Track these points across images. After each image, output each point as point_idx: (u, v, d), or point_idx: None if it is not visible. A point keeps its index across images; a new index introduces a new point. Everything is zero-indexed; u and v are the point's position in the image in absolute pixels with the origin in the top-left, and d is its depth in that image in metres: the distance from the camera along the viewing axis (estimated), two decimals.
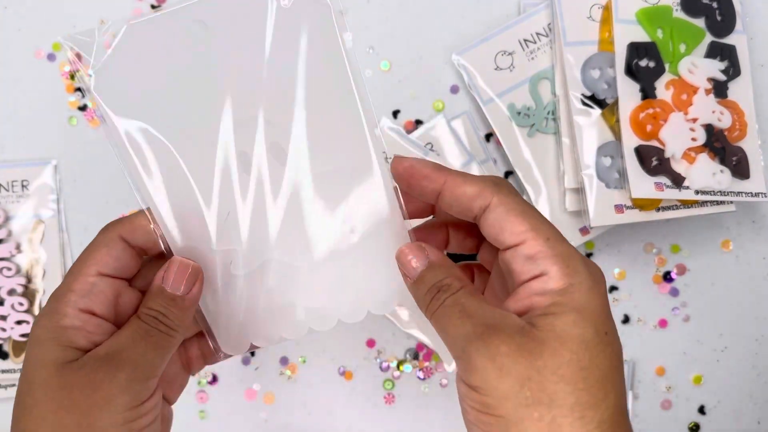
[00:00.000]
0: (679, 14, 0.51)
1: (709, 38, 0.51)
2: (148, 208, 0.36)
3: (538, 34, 0.52)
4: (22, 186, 0.53)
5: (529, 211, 0.32)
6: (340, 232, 0.37)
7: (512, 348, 0.28)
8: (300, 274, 0.37)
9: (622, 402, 0.29)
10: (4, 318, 0.52)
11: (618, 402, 0.29)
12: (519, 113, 0.52)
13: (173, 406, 0.39)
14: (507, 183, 0.33)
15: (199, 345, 0.39)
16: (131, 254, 0.36)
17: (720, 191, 0.49)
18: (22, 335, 0.52)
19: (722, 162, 0.50)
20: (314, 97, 0.36)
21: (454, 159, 0.52)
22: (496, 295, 0.37)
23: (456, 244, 0.38)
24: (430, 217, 0.39)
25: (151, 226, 0.36)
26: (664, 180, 0.49)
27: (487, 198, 0.32)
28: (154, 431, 0.34)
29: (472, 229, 0.37)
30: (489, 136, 0.54)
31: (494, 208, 0.32)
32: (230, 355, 0.38)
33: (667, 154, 0.49)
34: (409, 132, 0.53)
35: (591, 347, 0.29)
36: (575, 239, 0.52)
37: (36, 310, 0.53)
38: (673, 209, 0.51)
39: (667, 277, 0.55)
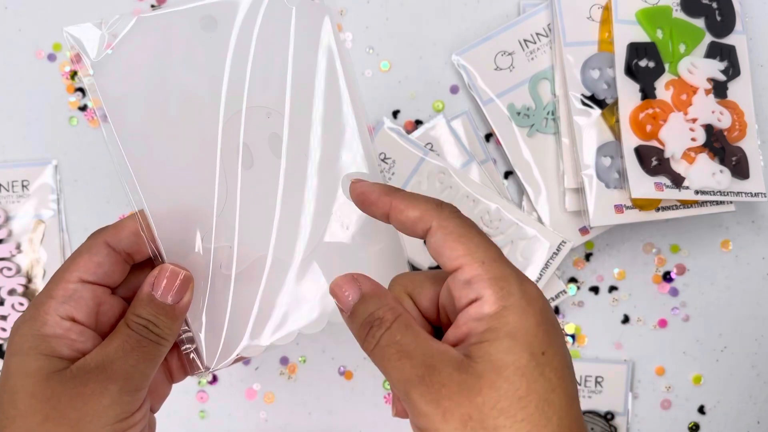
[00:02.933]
0: (678, 14, 0.51)
1: (708, 38, 0.51)
2: (141, 210, 0.34)
3: (537, 34, 0.52)
4: (23, 186, 0.53)
5: (467, 234, 0.31)
6: (333, 230, 0.37)
7: (453, 389, 0.28)
8: (291, 271, 0.37)
9: (570, 420, 0.29)
10: (4, 318, 0.52)
11: (562, 423, 0.29)
12: (519, 113, 0.52)
13: (177, 407, 0.39)
14: (450, 206, 0.33)
15: (179, 355, 0.38)
16: (116, 260, 0.35)
17: (719, 191, 0.49)
18: (16, 335, 0.52)
19: (722, 162, 0.50)
20: (311, 93, 0.36)
21: (453, 159, 0.52)
22: None
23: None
24: None
25: (141, 228, 0.34)
26: (663, 180, 0.49)
27: (428, 222, 0.32)
28: None
29: None
30: (489, 137, 0.54)
31: (434, 232, 0.32)
32: (212, 370, 0.36)
33: (667, 154, 0.49)
34: (409, 132, 0.53)
35: (527, 373, 0.29)
36: (575, 239, 0.52)
37: None
38: (673, 209, 0.51)
39: (666, 277, 0.55)
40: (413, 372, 0.29)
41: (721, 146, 0.50)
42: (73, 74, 0.54)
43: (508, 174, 0.54)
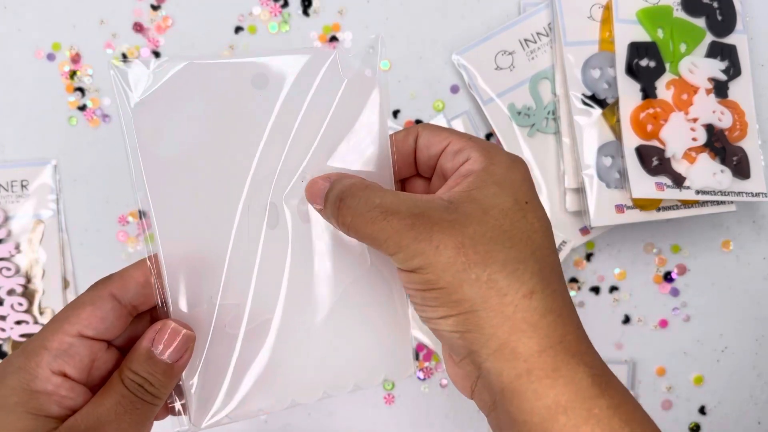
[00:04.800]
0: (679, 14, 0.51)
1: (709, 38, 0.51)
2: (155, 254, 0.33)
3: (538, 33, 0.52)
4: (22, 186, 0.53)
5: (451, 128, 0.36)
6: (338, 301, 0.36)
7: (444, 226, 0.30)
8: (293, 338, 0.36)
9: (552, 260, 0.32)
10: (3, 318, 0.52)
11: (546, 259, 0.31)
12: (519, 113, 0.52)
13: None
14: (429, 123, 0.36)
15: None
16: (119, 314, 0.33)
17: (720, 191, 0.49)
18: (22, 335, 0.52)
19: (723, 162, 0.50)
20: (350, 162, 0.36)
21: None
22: None
23: None
24: None
25: (152, 274, 0.33)
26: (664, 180, 0.49)
27: (414, 132, 0.36)
28: None
29: None
30: (489, 136, 0.54)
31: (421, 133, 0.35)
32: (200, 428, 0.35)
33: (668, 154, 0.49)
34: None
35: (510, 214, 0.31)
36: (576, 239, 0.52)
37: (35, 310, 0.53)
38: (674, 209, 0.51)
39: (667, 277, 0.55)
40: (402, 223, 0.31)
41: (721, 146, 0.50)
42: (73, 74, 0.54)
43: None
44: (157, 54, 0.54)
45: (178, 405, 0.35)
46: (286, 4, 0.54)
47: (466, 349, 0.31)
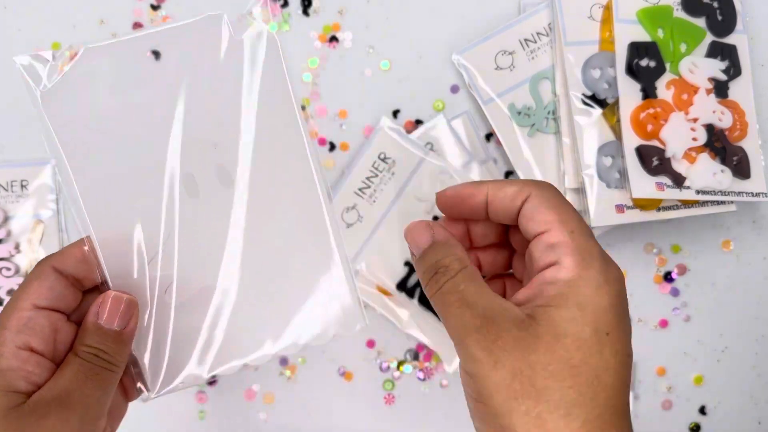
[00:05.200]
0: (679, 14, 0.51)
1: (709, 38, 0.51)
2: (87, 236, 0.35)
3: (538, 33, 0.52)
4: (22, 186, 0.53)
5: (562, 205, 0.32)
6: (278, 260, 0.37)
7: (508, 341, 0.29)
8: (237, 303, 0.37)
9: (617, 402, 0.29)
10: None
11: (609, 402, 0.29)
12: (519, 113, 0.52)
13: (176, 407, 0.39)
14: (548, 183, 0.34)
15: (130, 373, 0.38)
16: (65, 284, 0.35)
17: (720, 191, 0.49)
18: None
19: (723, 162, 0.50)
20: (260, 123, 0.37)
21: (454, 159, 0.52)
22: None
23: (488, 267, 0.38)
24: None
25: (87, 251, 0.35)
26: (664, 180, 0.49)
27: (526, 192, 0.33)
28: None
29: (501, 247, 0.38)
30: (489, 136, 0.54)
31: (531, 199, 0.32)
32: (155, 395, 0.37)
33: (668, 154, 0.49)
34: (409, 132, 0.53)
35: (585, 347, 0.29)
36: None
37: None
38: (674, 209, 0.51)
39: (667, 277, 0.55)
40: (471, 321, 0.30)
41: (722, 146, 0.50)
42: None
43: (508, 174, 0.54)
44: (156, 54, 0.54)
45: (137, 377, 0.36)
46: (285, 4, 0.54)
47: None
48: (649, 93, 0.50)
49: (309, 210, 0.38)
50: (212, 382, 0.54)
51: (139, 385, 0.37)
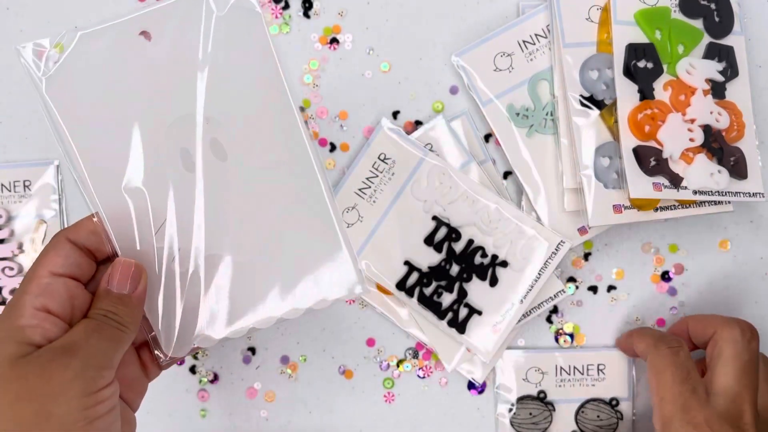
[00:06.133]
0: (677, 15, 0.51)
1: (707, 39, 0.52)
2: (96, 212, 0.37)
3: (537, 35, 0.52)
4: (24, 186, 0.53)
5: (747, 366, 0.46)
6: (277, 228, 0.39)
7: (699, 420, 0.43)
8: (240, 270, 0.39)
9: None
10: None
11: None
12: (518, 114, 0.52)
13: (178, 406, 0.39)
14: (737, 321, 0.48)
15: (150, 350, 0.40)
16: (80, 254, 0.37)
17: (718, 191, 0.49)
18: None
19: (720, 162, 0.50)
20: (249, 95, 0.39)
21: (453, 159, 0.52)
22: None
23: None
24: None
25: (96, 223, 0.37)
26: (662, 180, 0.49)
27: (714, 325, 0.48)
28: (111, 422, 0.34)
29: None
30: (488, 137, 0.54)
31: (716, 338, 0.48)
32: (175, 359, 0.39)
33: (665, 155, 0.49)
34: (408, 133, 0.53)
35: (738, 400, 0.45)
36: (574, 239, 0.52)
37: None
38: (671, 209, 0.51)
39: (665, 276, 0.55)
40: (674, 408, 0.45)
41: (719, 146, 0.50)
42: None
43: (507, 174, 0.54)
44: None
45: (153, 346, 0.39)
46: (287, 6, 0.54)
47: None
48: (646, 94, 0.50)
49: (303, 177, 0.39)
50: (213, 380, 0.55)
51: (156, 353, 0.39)
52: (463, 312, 0.51)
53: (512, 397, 0.53)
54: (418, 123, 0.54)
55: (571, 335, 0.55)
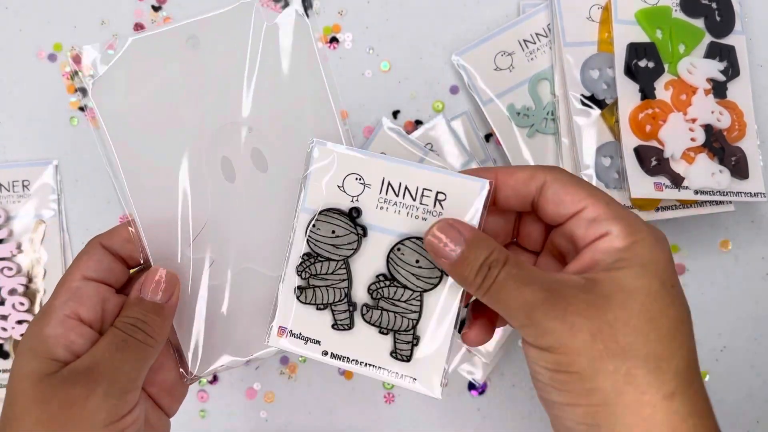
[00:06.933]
0: (678, 15, 0.51)
1: (708, 39, 0.51)
2: (132, 218, 0.37)
3: (537, 34, 0.52)
4: (23, 186, 0.53)
5: (582, 182, 0.32)
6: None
7: (580, 306, 0.29)
8: (272, 284, 0.37)
9: (694, 356, 0.29)
10: (5, 318, 0.53)
11: (690, 355, 0.29)
12: (518, 113, 0.52)
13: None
14: (556, 166, 0.34)
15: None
16: (112, 259, 0.36)
17: (719, 191, 0.49)
18: (23, 335, 0.53)
19: (721, 162, 0.50)
20: (294, 106, 0.38)
21: (453, 159, 0.52)
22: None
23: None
24: None
25: (132, 232, 0.36)
26: (663, 180, 0.49)
27: (541, 178, 0.32)
28: None
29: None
30: (489, 137, 0.54)
31: (550, 184, 0.32)
32: (193, 376, 0.37)
33: (666, 155, 0.49)
34: (408, 132, 0.53)
35: (658, 298, 0.29)
36: None
37: (37, 310, 0.53)
38: (672, 209, 0.51)
39: None
40: (535, 296, 0.29)
41: (720, 146, 0.50)
42: (74, 74, 0.54)
43: None
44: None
45: (179, 364, 0.38)
46: (286, 5, 0.54)
47: None
48: (647, 93, 0.50)
49: None
50: (213, 380, 0.55)
51: (180, 369, 0.38)
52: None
53: (315, 205, 0.36)
54: (419, 123, 0.54)
55: None
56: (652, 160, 0.49)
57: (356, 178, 0.35)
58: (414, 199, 0.35)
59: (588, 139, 0.50)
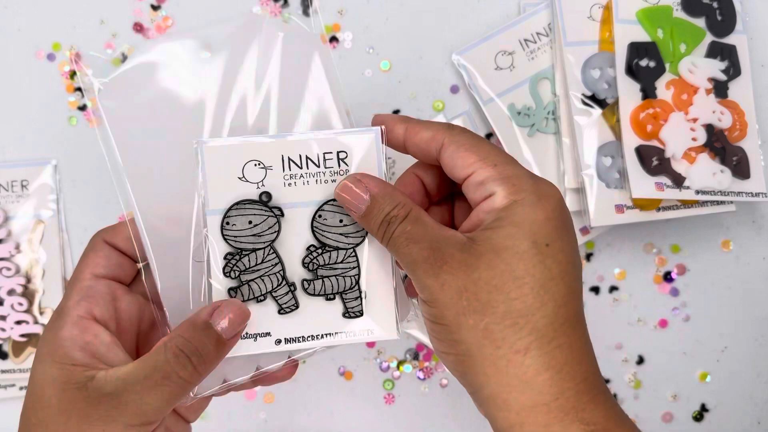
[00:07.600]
0: (679, 14, 0.51)
1: (709, 38, 0.51)
2: (131, 220, 0.36)
3: (538, 33, 0.52)
4: (22, 186, 0.53)
5: (478, 144, 0.34)
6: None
7: (453, 265, 0.31)
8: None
9: (568, 311, 0.31)
10: (3, 318, 0.52)
11: (558, 311, 0.30)
12: (519, 113, 0.52)
13: None
14: (459, 126, 0.35)
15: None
16: (119, 255, 0.36)
17: (720, 191, 0.49)
18: (22, 335, 0.52)
19: (722, 162, 0.50)
20: (302, 116, 0.37)
21: None
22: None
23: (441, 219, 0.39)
24: None
25: (132, 232, 0.36)
26: (664, 180, 0.49)
27: (440, 140, 0.34)
28: None
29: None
30: (489, 136, 0.54)
31: (446, 147, 0.34)
32: (199, 398, 0.36)
33: (668, 154, 0.49)
34: None
35: (526, 258, 0.30)
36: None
37: (35, 310, 0.53)
38: (674, 209, 0.51)
39: (667, 277, 0.55)
40: (420, 254, 0.31)
41: (721, 146, 0.50)
42: (73, 74, 0.54)
43: None
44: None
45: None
46: (286, 4, 0.54)
47: (467, 388, 0.32)
48: (648, 93, 0.50)
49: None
50: None
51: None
52: None
53: (222, 203, 0.36)
54: None
55: None
56: (653, 160, 0.49)
57: (255, 164, 0.35)
58: (318, 166, 0.35)
59: (589, 138, 0.50)
